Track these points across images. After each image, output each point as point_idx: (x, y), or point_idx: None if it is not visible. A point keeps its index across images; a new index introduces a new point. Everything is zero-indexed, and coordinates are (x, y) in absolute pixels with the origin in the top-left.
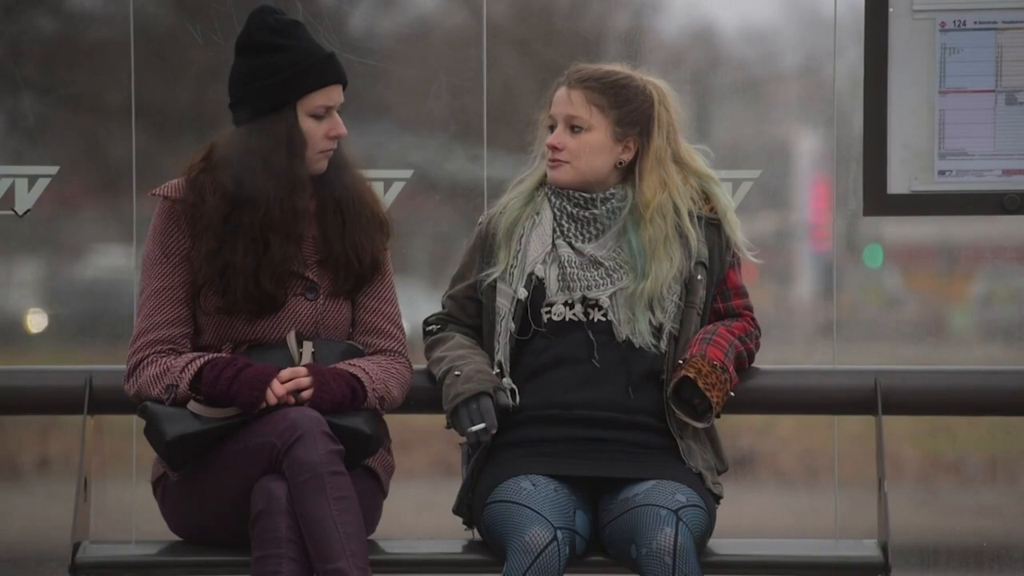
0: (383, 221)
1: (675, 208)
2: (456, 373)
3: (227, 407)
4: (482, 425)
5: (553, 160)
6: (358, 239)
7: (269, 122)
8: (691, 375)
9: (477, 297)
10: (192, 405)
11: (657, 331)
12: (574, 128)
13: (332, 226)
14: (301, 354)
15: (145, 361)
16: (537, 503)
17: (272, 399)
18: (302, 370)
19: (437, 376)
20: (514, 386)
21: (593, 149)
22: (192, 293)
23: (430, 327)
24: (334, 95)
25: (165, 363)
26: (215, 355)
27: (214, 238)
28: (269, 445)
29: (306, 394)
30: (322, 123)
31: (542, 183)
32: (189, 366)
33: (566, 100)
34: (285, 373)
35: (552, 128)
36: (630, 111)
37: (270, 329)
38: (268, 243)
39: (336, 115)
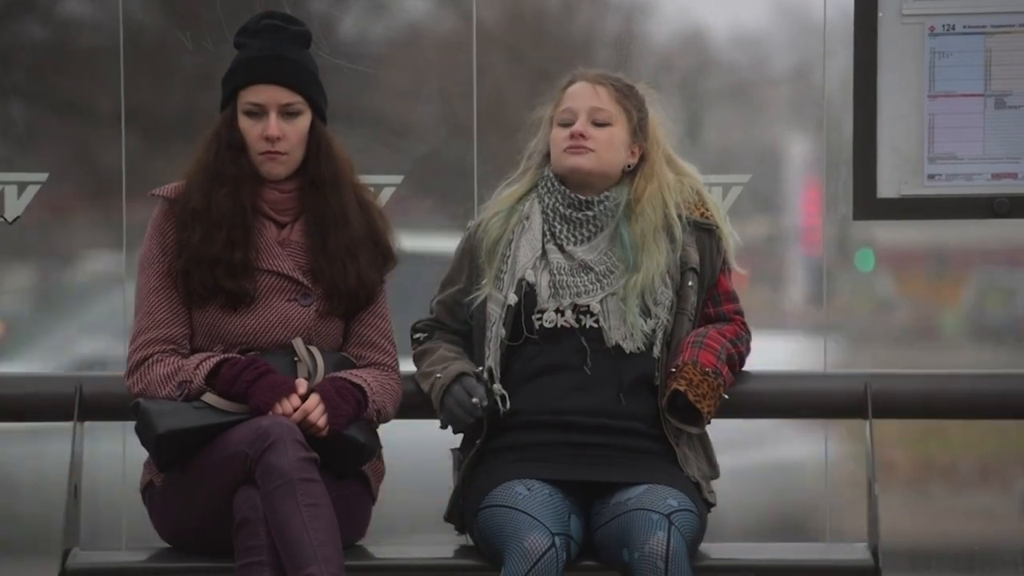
0: (384, 252)
1: (663, 201)
2: (438, 375)
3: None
4: (474, 400)
5: (577, 147)
6: (344, 261)
7: (221, 117)
8: (682, 388)
9: (465, 302)
10: (208, 396)
11: (650, 333)
12: (597, 122)
13: (313, 240)
14: (315, 363)
15: (151, 359)
16: (533, 508)
17: (283, 410)
18: (313, 403)
19: (425, 391)
20: (504, 392)
21: (617, 144)
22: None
23: (417, 335)
24: (265, 94)
25: (175, 362)
26: (232, 355)
27: (186, 230)
28: (242, 455)
29: (321, 422)
30: (258, 123)
31: (531, 190)
32: (204, 363)
33: (592, 93)
34: (304, 408)
35: (565, 124)
36: (641, 118)
37: (262, 333)
38: (214, 235)
39: (272, 117)
